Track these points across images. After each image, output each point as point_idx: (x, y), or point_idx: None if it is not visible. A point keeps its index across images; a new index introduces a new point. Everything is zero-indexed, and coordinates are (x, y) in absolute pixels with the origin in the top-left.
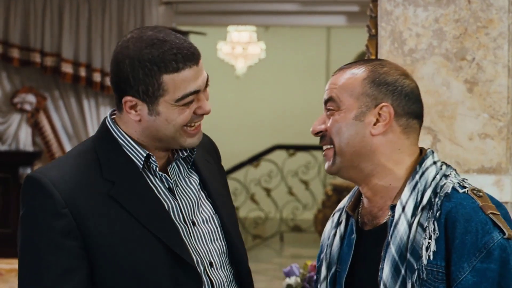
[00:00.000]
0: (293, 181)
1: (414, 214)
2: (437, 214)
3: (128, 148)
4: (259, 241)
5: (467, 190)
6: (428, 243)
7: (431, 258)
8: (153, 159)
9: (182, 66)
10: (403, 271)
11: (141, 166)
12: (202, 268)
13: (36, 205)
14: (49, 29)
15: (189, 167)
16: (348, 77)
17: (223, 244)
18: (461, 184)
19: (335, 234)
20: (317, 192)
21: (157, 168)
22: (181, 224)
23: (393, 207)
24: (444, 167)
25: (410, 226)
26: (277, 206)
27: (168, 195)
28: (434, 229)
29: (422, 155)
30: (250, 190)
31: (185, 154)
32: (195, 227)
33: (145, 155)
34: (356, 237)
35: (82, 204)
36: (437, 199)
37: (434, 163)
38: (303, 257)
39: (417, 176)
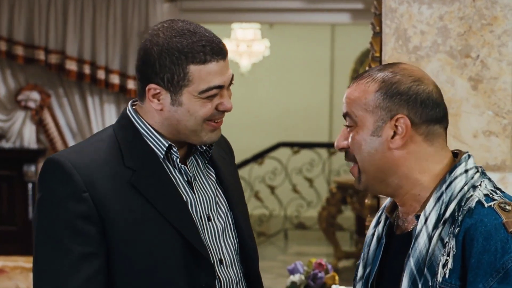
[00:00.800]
0: (298, 179)
1: (436, 227)
2: (457, 230)
3: (149, 137)
4: (264, 238)
5: (494, 204)
6: (446, 260)
7: (447, 276)
8: (174, 149)
9: (209, 58)
10: (420, 286)
11: (162, 156)
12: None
13: (55, 187)
14: (53, 26)
15: (207, 162)
16: (361, 90)
17: (235, 242)
18: (490, 196)
19: (373, 234)
20: (321, 190)
21: (178, 160)
22: (196, 218)
23: (418, 217)
24: (476, 175)
25: (430, 239)
26: (282, 204)
27: (187, 188)
28: (453, 246)
29: (457, 159)
30: (255, 188)
31: (204, 148)
32: (209, 222)
33: (167, 145)
34: (385, 241)
35: (103, 189)
36: (460, 213)
37: (466, 171)
38: (307, 254)
39: (444, 186)
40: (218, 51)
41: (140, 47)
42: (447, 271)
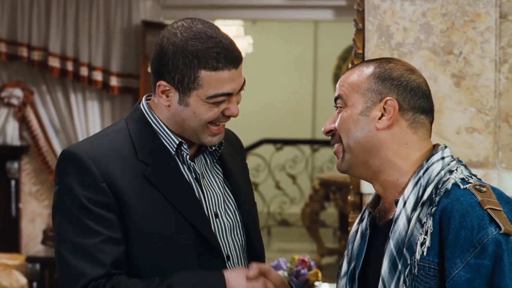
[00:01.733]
0: (281, 175)
1: (414, 209)
2: (433, 209)
3: (161, 133)
4: None
5: (469, 186)
6: (424, 238)
7: (425, 253)
8: (184, 147)
9: (222, 66)
10: (399, 266)
11: (173, 152)
12: None
13: (73, 179)
14: (36, 23)
15: (215, 161)
16: (355, 73)
17: (243, 239)
18: (466, 179)
19: (357, 231)
20: (304, 186)
21: (188, 157)
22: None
23: (396, 202)
24: (453, 162)
25: (409, 221)
26: (265, 200)
27: (195, 185)
28: (430, 225)
29: (434, 149)
30: None
31: (213, 148)
32: (217, 219)
33: (177, 142)
34: (369, 232)
35: (119, 180)
36: (436, 195)
37: (442, 158)
38: (290, 251)
39: (421, 171)
40: (232, 60)
41: (158, 42)
42: (425, 249)
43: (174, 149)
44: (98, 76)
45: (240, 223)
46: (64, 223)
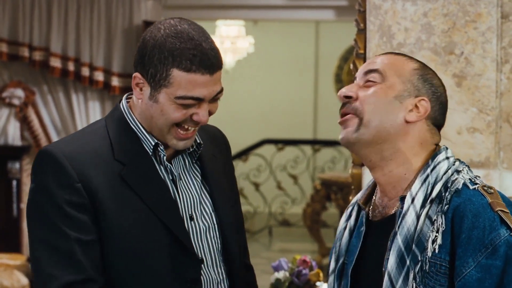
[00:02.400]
0: (282, 176)
1: (423, 206)
2: (445, 208)
3: (139, 133)
4: (248, 235)
5: (478, 187)
6: (435, 236)
7: (436, 251)
8: (161, 148)
9: (195, 69)
10: (408, 262)
11: (151, 153)
12: None
13: (49, 178)
14: (37, 23)
15: (194, 161)
16: (399, 60)
17: (218, 242)
18: (473, 180)
19: (345, 228)
20: (305, 187)
21: (164, 157)
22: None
23: (402, 198)
24: (457, 163)
25: (418, 217)
26: (266, 201)
27: (172, 186)
28: (442, 223)
29: (436, 150)
30: (239, 185)
31: (191, 149)
32: (192, 221)
33: (153, 143)
34: (365, 229)
35: (95, 180)
36: (447, 194)
37: (447, 158)
38: (291, 251)
39: (429, 170)
40: (207, 65)
41: (144, 34)
42: (437, 247)
43: (151, 150)
44: (99, 76)
45: (216, 226)
46: (38, 223)
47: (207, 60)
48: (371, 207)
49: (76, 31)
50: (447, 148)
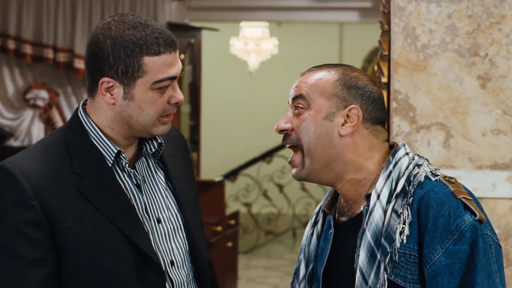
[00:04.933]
0: None
1: (389, 201)
2: (410, 200)
3: (98, 141)
4: (272, 237)
5: (439, 178)
6: (402, 228)
7: (404, 241)
8: (123, 155)
9: (163, 50)
10: (378, 256)
11: (111, 162)
12: (163, 267)
13: (4, 195)
14: (62, 24)
15: (157, 161)
16: (319, 77)
17: (185, 242)
18: (433, 172)
19: (312, 234)
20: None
21: (127, 165)
22: (146, 221)
23: (368, 196)
24: (416, 157)
25: (385, 212)
26: (290, 202)
27: (136, 192)
28: (408, 215)
29: (394, 148)
30: (263, 186)
31: (153, 149)
32: (159, 224)
33: (116, 151)
34: (333, 231)
35: (51, 197)
36: (410, 187)
37: (406, 154)
38: None
39: (391, 166)
40: (170, 43)
41: (91, 41)
42: (404, 237)
43: (113, 158)
44: None
45: (182, 226)
46: None
47: (169, 39)
48: (337, 210)
49: None
50: (404, 145)
